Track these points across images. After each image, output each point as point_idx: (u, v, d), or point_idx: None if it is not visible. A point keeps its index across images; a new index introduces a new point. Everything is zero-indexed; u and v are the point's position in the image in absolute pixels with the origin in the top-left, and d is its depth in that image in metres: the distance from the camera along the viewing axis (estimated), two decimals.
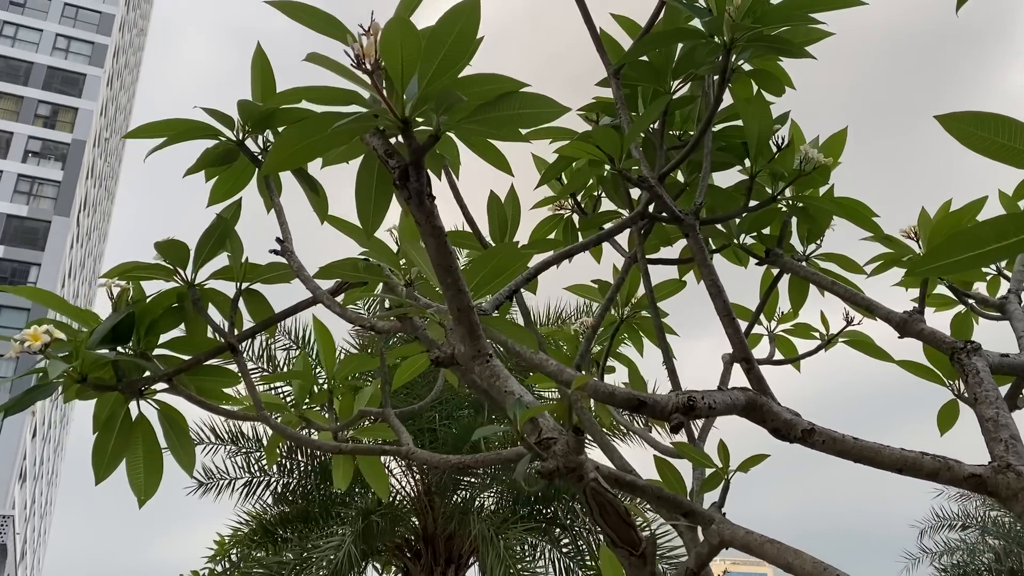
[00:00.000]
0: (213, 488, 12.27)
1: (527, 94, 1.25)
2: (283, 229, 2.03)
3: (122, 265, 2.20)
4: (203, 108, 2.03)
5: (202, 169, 2.26)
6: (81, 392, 2.19)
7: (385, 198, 1.61)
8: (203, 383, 2.29)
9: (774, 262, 2.67)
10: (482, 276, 1.54)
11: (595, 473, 1.34)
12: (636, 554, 1.33)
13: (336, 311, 1.88)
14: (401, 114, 1.23)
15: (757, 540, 1.86)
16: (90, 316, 2.20)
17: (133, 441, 2.28)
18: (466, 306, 1.39)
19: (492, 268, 1.54)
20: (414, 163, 1.25)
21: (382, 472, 2.74)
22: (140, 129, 2.16)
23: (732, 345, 2.12)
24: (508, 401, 1.39)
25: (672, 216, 2.12)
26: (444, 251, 1.35)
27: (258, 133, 2.22)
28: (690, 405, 1.77)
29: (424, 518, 10.89)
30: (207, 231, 2.16)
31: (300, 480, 12.11)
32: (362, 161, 1.58)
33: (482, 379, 1.44)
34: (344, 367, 2.66)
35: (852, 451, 1.94)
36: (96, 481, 2.25)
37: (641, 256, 2.59)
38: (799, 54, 2.11)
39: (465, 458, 1.87)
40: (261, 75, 2.15)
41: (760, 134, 2.38)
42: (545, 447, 1.32)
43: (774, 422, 1.96)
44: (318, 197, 2.37)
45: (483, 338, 1.43)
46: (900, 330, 2.38)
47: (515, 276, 1.62)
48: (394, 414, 2.26)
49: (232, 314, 2.13)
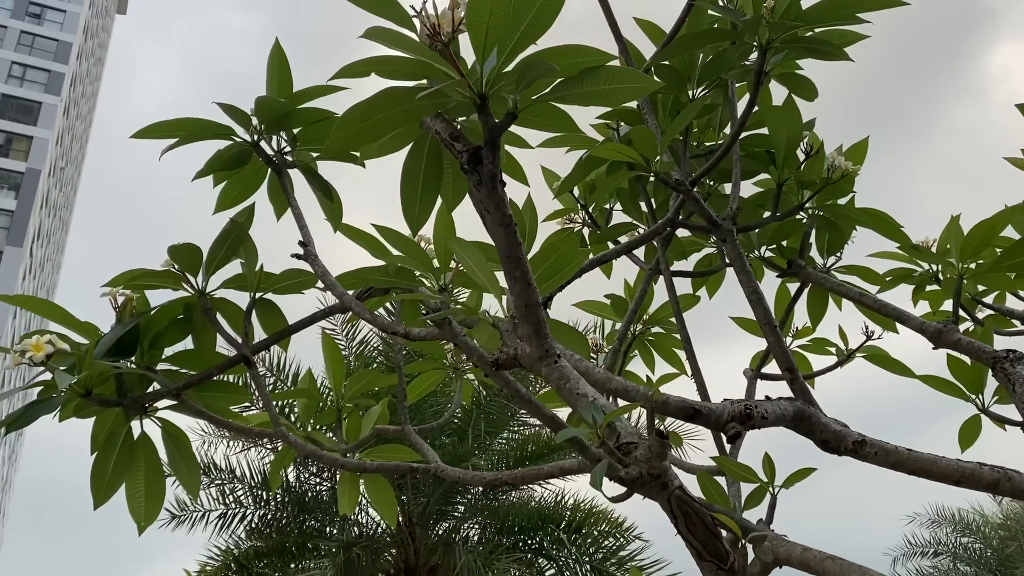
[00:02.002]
0: (186, 520, 11.87)
1: (613, 68, 1.16)
2: (304, 232, 1.92)
3: (128, 272, 2.06)
4: (219, 104, 1.91)
5: (211, 173, 2.13)
6: (81, 409, 2.04)
7: (432, 191, 1.50)
8: (211, 400, 2.14)
9: (797, 274, 2.60)
10: (541, 272, 1.44)
11: (679, 481, 1.23)
12: (724, 568, 1.23)
13: (366, 318, 1.76)
14: (479, 88, 1.13)
15: (816, 557, 1.77)
16: (90, 328, 2.05)
17: (135, 462, 2.12)
18: (534, 302, 1.29)
19: (553, 263, 1.45)
20: (490, 143, 1.15)
21: (391, 497, 2.60)
22: (148, 129, 2.04)
23: (775, 355, 2.04)
24: (581, 404, 1.29)
25: (709, 221, 2.04)
26: (514, 242, 1.25)
27: (272, 134, 2.11)
28: (747, 414, 1.68)
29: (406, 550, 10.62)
30: (220, 236, 2.04)
31: (276, 513, 11.77)
32: (409, 152, 1.48)
33: (550, 382, 1.33)
34: (353, 385, 2.54)
35: (907, 463, 1.86)
36: (95, 505, 2.09)
37: (665, 267, 2.51)
38: (838, 56, 2.05)
39: (502, 474, 1.76)
40: (279, 73, 2.04)
41: (789, 141, 2.32)
42: (625, 452, 1.22)
43: (823, 434, 1.87)
44: (332, 204, 2.25)
45: (550, 337, 1.33)
46: (935, 341, 2.32)
47: (572, 273, 1.52)
48: (414, 431, 2.14)
49: (246, 324, 2.00)
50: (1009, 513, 20.79)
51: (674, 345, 3.04)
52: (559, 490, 12.02)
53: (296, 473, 11.92)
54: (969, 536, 20.91)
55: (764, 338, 2.14)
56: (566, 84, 1.16)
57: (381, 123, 1.19)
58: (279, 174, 2.08)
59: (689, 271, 2.75)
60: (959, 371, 2.69)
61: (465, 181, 1.58)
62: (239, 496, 11.99)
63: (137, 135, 2.01)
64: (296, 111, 2.05)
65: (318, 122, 2.10)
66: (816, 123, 2.47)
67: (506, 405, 11.52)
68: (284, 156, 2.13)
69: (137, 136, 2.01)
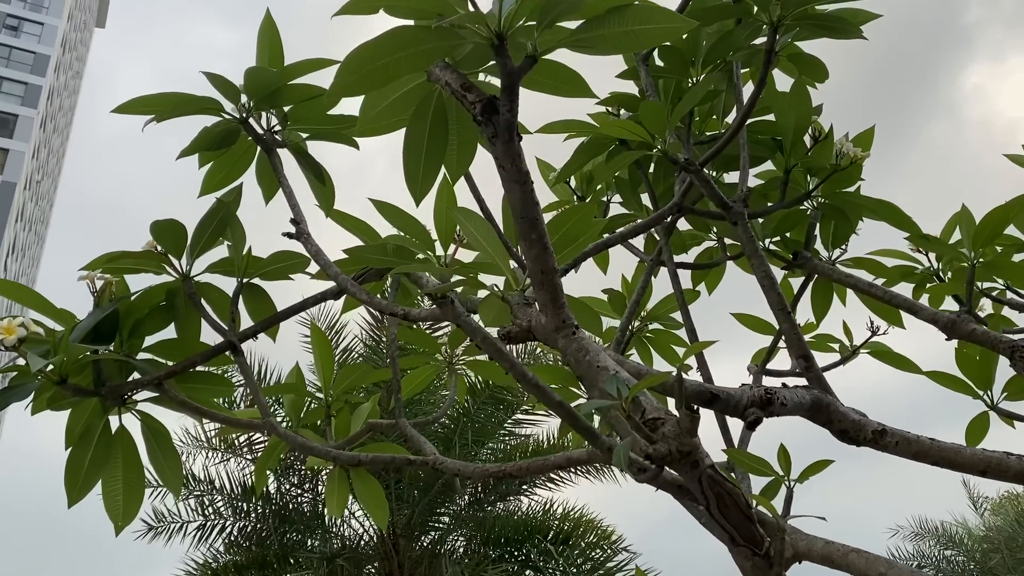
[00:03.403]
0: (163, 532, 11.60)
1: (641, 7, 1.07)
2: (295, 210, 1.81)
3: (107, 255, 1.94)
4: (206, 73, 1.81)
5: (196, 152, 2.03)
6: (55, 399, 1.92)
7: (437, 156, 1.41)
8: (194, 392, 2.03)
9: (802, 266, 2.52)
10: (555, 241, 1.34)
11: (711, 459, 1.14)
12: (760, 553, 1.13)
13: (363, 299, 1.66)
14: (497, 27, 1.04)
15: (840, 551, 1.67)
16: (67, 316, 1.93)
17: (112, 458, 2.00)
18: (551, 268, 1.19)
19: (568, 231, 1.35)
20: (508, 88, 1.06)
21: (383, 499, 2.48)
22: (129, 104, 1.93)
23: (788, 342, 1.95)
24: (602, 377, 1.19)
25: (719, 203, 1.95)
26: (531, 200, 1.15)
27: (262, 111, 2.01)
28: (768, 399, 1.59)
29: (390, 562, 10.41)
30: (205, 217, 1.93)
31: (257, 524, 11.51)
32: (413, 114, 1.38)
33: (567, 354, 1.24)
34: (343, 380, 2.42)
35: (929, 453, 1.77)
36: (69, 503, 1.96)
37: (668, 257, 2.42)
38: (852, 34, 1.98)
39: (506, 466, 1.66)
40: (270, 46, 1.94)
41: (797, 125, 2.24)
42: (652, 428, 1.12)
43: (841, 423, 1.78)
44: (324, 187, 2.15)
45: (567, 307, 1.23)
46: (948, 332, 2.25)
47: (586, 246, 1.42)
48: (409, 424, 2.03)
49: (233, 310, 1.89)
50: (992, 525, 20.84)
51: (673, 342, 2.94)
52: (546, 500, 11.90)
53: (277, 484, 11.69)
54: (952, 549, 20.90)
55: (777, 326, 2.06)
56: (591, 25, 1.08)
57: (389, 66, 1.09)
58: (269, 153, 1.98)
59: (691, 263, 2.67)
60: (967, 367, 2.61)
61: (470, 150, 1.48)
62: (219, 507, 11.74)
63: (119, 109, 1.90)
64: (287, 87, 1.95)
65: (310, 100, 2.00)
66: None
67: (493, 413, 11.38)
68: (273, 135, 2.02)
69: (119, 111, 1.91)
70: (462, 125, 1.43)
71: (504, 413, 11.51)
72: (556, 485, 11.61)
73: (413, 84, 1.35)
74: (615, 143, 2.53)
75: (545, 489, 11.77)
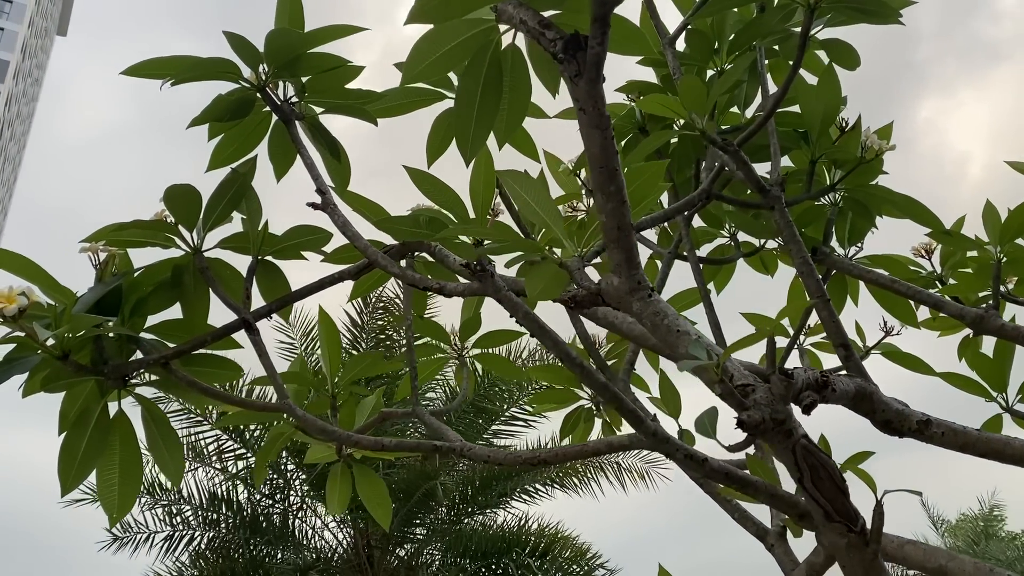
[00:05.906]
0: (129, 543, 11.23)
1: None
2: (318, 181, 1.71)
3: (110, 226, 1.82)
4: (226, 33, 1.71)
5: (208, 121, 1.91)
6: (50, 380, 1.79)
7: (490, 112, 1.32)
8: (200, 374, 1.90)
9: (822, 261, 2.46)
10: None
11: (803, 429, 1.06)
12: (855, 530, 1.05)
13: (395, 272, 1.57)
14: None
15: (895, 543, 1.61)
16: (69, 293, 1.81)
17: (109, 443, 1.87)
18: (627, 224, 1.11)
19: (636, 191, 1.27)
20: (600, 19, 0.98)
21: (386, 497, 2.37)
22: (140, 65, 1.82)
23: (827, 330, 1.89)
24: (684, 342, 1.11)
25: (756, 186, 1.88)
26: (611, 149, 1.07)
27: (280, 80, 1.90)
28: (824, 382, 1.51)
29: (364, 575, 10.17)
30: (219, 188, 1.82)
31: (226, 535, 11.19)
32: (467, 67, 1.30)
33: (643, 318, 1.15)
34: (350, 369, 2.31)
35: (976, 444, 1.71)
36: (63, 492, 1.83)
37: (690, 248, 2.35)
38: (890, 18, 1.93)
39: (541, 452, 1.57)
40: (290, 9, 1.85)
41: (826, 114, 2.19)
42: (744, 395, 1.04)
43: (884, 413, 1.71)
44: (339, 164, 2.05)
45: (642, 269, 1.15)
46: (976, 327, 2.20)
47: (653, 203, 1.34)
48: (427, 412, 1.93)
49: (248, 286, 1.78)
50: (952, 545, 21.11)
51: None
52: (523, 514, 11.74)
53: (247, 494, 11.41)
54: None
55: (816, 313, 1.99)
56: None
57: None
58: (288, 124, 1.87)
59: (708, 258, 2.60)
60: (982, 368, 2.58)
61: (520, 112, 1.40)
62: (187, 517, 11.40)
63: (130, 70, 1.79)
64: (307, 55, 1.85)
65: (329, 71, 1.90)
66: None
67: (472, 423, 11.23)
68: (291, 106, 1.93)
69: (130, 72, 1.80)
70: (516, 84, 1.35)
71: (485, 423, 11.38)
72: (532, 498, 11.49)
73: (470, 33, 1.26)
74: (634, 132, 2.47)
75: (521, 502, 11.65)
